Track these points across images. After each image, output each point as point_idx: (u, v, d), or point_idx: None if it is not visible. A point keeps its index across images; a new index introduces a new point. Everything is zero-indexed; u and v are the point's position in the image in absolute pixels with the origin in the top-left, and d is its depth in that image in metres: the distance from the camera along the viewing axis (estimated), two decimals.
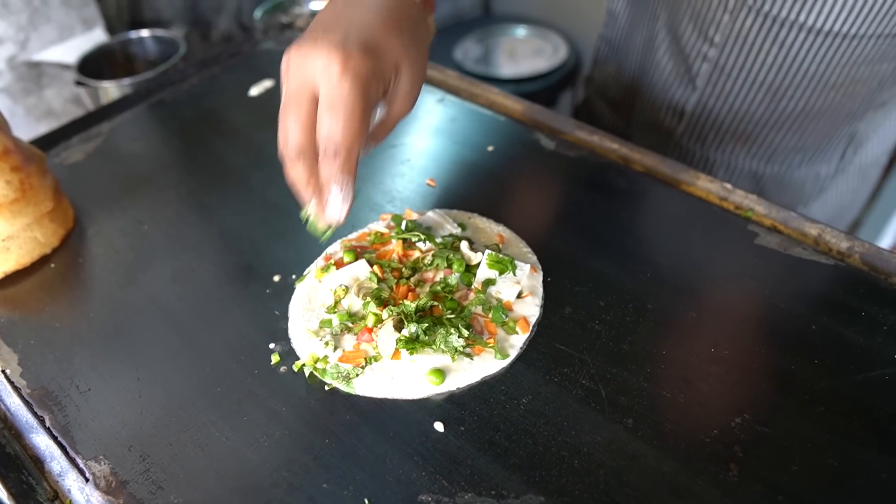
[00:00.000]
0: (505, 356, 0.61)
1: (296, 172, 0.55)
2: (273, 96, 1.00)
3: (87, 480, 0.57)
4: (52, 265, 0.76)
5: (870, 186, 1.17)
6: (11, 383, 0.65)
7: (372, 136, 0.59)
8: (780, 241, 0.73)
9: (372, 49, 0.53)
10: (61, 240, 0.78)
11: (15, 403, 0.63)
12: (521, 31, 2.33)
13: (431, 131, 0.91)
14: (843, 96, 0.91)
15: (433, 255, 0.68)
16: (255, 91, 1.01)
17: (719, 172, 1.06)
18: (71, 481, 0.57)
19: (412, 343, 0.60)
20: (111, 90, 1.04)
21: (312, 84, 0.53)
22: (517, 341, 0.63)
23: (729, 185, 0.80)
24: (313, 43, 0.52)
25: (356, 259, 0.68)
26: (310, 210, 0.58)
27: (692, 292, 0.68)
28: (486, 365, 0.61)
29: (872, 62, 0.87)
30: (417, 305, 0.62)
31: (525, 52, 2.28)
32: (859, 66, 0.87)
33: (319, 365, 0.62)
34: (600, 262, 0.71)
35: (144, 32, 1.16)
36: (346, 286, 0.66)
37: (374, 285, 0.65)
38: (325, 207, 0.57)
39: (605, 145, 0.87)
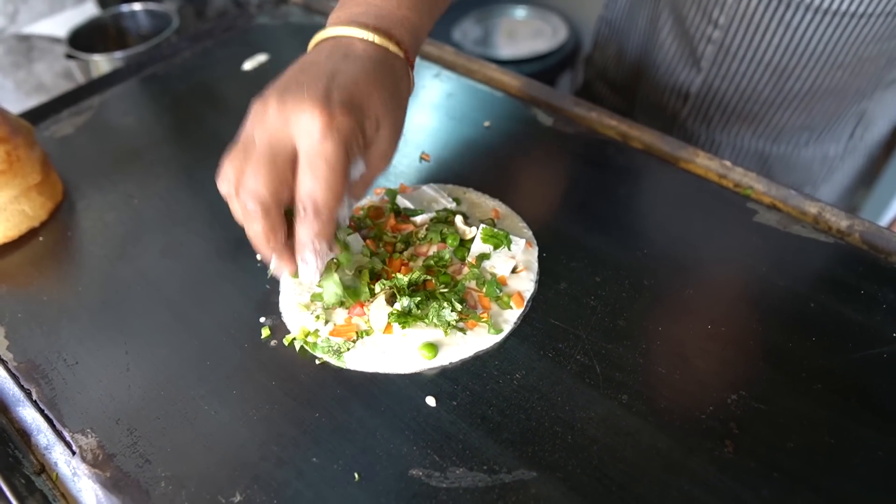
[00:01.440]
0: (499, 331, 0.61)
1: (256, 229, 0.51)
2: (267, 71, 0.99)
3: (73, 453, 0.56)
4: (41, 238, 0.75)
5: (873, 166, 1.16)
6: None
7: (351, 194, 0.56)
8: (779, 219, 0.71)
9: (356, 106, 0.51)
10: (50, 213, 0.77)
11: (1, 376, 0.62)
12: (520, 12, 2.31)
13: (427, 106, 0.90)
14: (851, 75, 0.90)
15: (427, 229, 0.67)
16: (248, 65, 0.99)
17: (725, 153, 1.04)
18: (58, 454, 0.56)
19: (404, 317, 0.59)
20: (102, 64, 1.03)
21: (289, 139, 0.50)
22: (511, 316, 0.62)
23: (728, 163, 0.78)
24: (295, 96, 0.50)
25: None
26: (273, 268, 0.55)
27: (689, 269, 0.67)
28: (480, 340, 0.60)
29: (881, 40, 0.85)
30: (410, 279, 0.61)
31: (524, 33, 2.26)
32: (867, 44, 0.85)
33: (310, 339, 0.61)
34: (597, 239, 0.70)
35: (137, 6, 1.14)
36: (338, 260, 0.64)
37: (367, 259, 0.64)
38: (299, 270, 0.55)
39: (604, 122, 0.86)
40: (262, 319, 0.64)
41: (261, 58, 1.00)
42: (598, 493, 0.50)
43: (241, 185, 0.51)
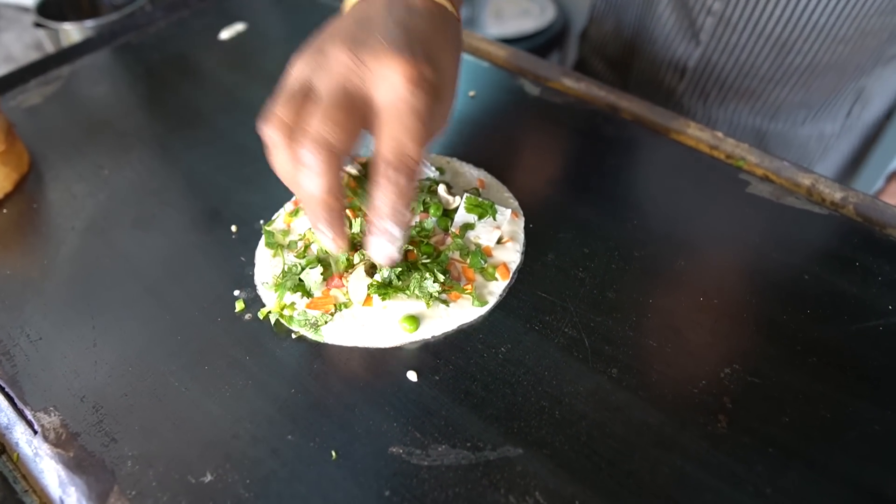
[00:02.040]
0: (483, 303, 0.58)
1: (314, 185, 0.44)
2: (245, 40, 0.95)
3: (35, 433, 0.53)
4: (5, 211, 0.72)
5: (867, 145, 1.14)
6: None
7: None
8: (772, 191, 0.69)
9: (433, 60, 0.47)
10: (14, 184, 0.74)
11: None
12: None
13: None
14: (853, 50, 0.87)
15: None
16: (225, 34, 0.95)
17: (721, 130, 1.01)
18: (19, 434, 0.54)
19: (385, 288, 0.57)
20: (73, 33, 0.98)
21: (364, 90, 0.46)
22: (496, 288, 0.59)
23: (720, 134, 0.76)
24: (373, 47, 0.45)
25: None
26: (326, 243, 0.48)
27: (681, 241, 0.64)
28: (464, 312, 0.58)
29: (883, 14, 0.83)
30: None
31: (512, 12, 2.22)
32: (870, 18, 0.83)
33: (286, 312, 0.58)
34: (585, 210, 0.68)
35: None
36: None
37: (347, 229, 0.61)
38: (374, 246, 0.48)
39: (593, 93, 0.83)
40: (237, 293, 0.61)
41: (238, 27, 0.96)
42: (587, 470, 0.48)
43: (300, 130, 0.44)
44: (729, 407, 0.52)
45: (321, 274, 0.58)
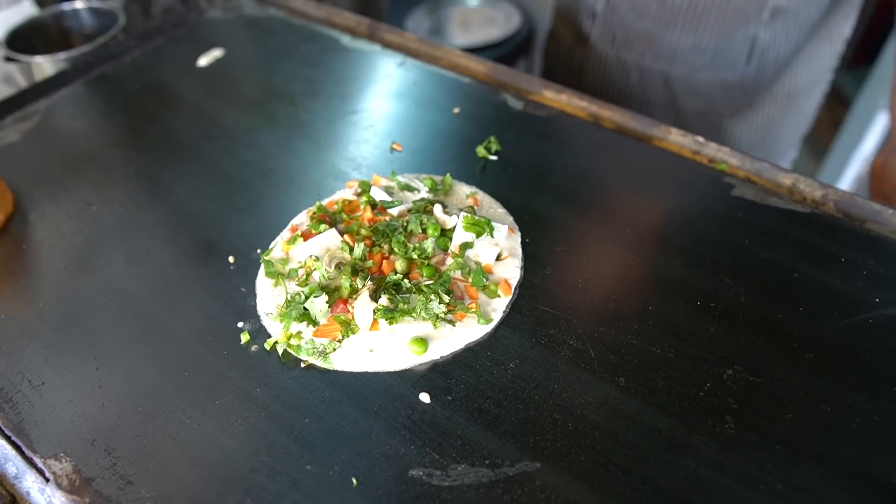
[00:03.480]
0: (488, 321, 0.59)
1: None
2: (223, 66, 0.95)
3: (47, 480, 0.52)
4: None
5: (802, 118, 1.18)
6: None
7: None
8: (756, 192, 0.72)
9: None
10: (0, 225, 0.72)
11: None
12: (472, 1, 2.29)
13: (393, 95, 0.88)
14: None
15: (407, 221, 0.65)
16: (203, 61, 0.95)
17: (634, 76, 1.11)
18: (29, 483, 0.53)
19: (391, 312, 0.57)
20: (45, 66, 0.97)
21: None
22: (500, 305, 0.60)
23: (701, 139, 0.78)
24: None
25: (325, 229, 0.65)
26: None
27: (674, 247, 0.66)
28: (470, 331, 0.58)
29: None
30: (393, 280, 0.59)
31: (477, 21, 2.24)
32: None
33: (293, 341, 0.58)
34: (579, 221, 0.69)
35: (79, 4, 1.08)
36: (316, 256, 0.62)
37: (347, 255, 0.62)
38: None
39: (574, 103, 0.85)
40: (241, 324, 0.61)
41: (216, 53, 0.96)
42: (605, 480, 0.49)
43: None
44: (734, 408, 0.53)
45: (326, 302, 0.58)
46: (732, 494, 0.48)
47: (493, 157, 0.77)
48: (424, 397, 0.55)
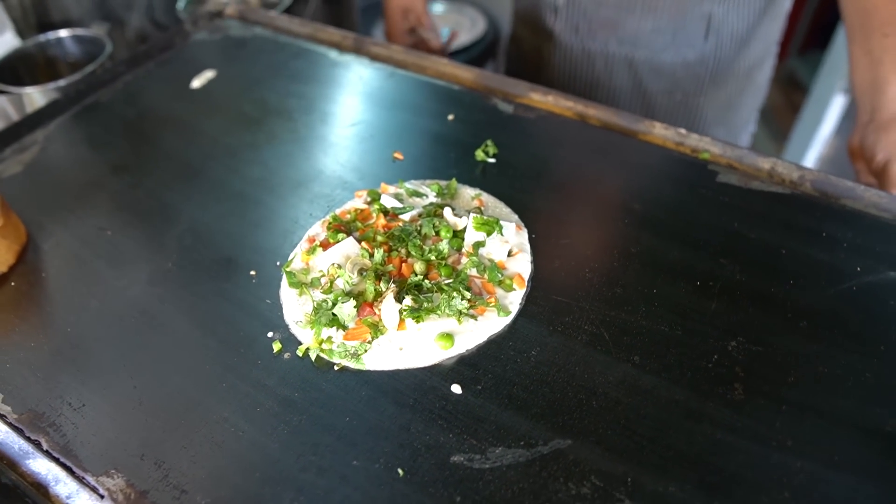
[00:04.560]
0: (507, 313, 0.63)
1: None
2: (217, 86, 0.97)
3: (101, 497, 0.54)
4: (13, 284, 0.72)
5: (757, 91, 1.25)
6: None
7: None
8: (739, 177, 0.77)
9: None
10: (17, 256, 0.74)
11: (3, 431, 0.60)
12: (437, 7, 2.33)
13: (388, 106, 0.91)
14: None
15: (420, 225, 0.68)
16: (197, 83, 0.97)
17: (599, 63, 1.15)
18: (83, 501, 0.55)
19: (417, 311, 0.61)
20: (35, 96, 0.98)
21: None
22: (516, 298, 0.64)
23: (683, 131, 0.83)
24: None
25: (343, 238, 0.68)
26: None
27: (671, 233, 0.71)
28: (491, 324, 0.62)
29: None
30: (414, 281, 0.63)
31: (444, 27, 2.28)
32: None
33: (325, 346, 0.61)
34: (579, 215, 0.74)
35: (63, 32, 1.09)
36: (338, 265, 0.65)
37: (367, 261, 0.65)
38: None
39: (561, 104, 0.89)
40: (270, 334, 0.64)
41: (208, 74, 0.98)
42: (632, 450, 0.53)
43: None
44: (741, 375, 0.58)
45: (354, 307, 0.61)
46: (748, 453, 0.53)
47: (492, 160, 0.81)
48: (456, 388, 0.58)
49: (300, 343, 0.63)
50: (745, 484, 0.51)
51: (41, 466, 0.57)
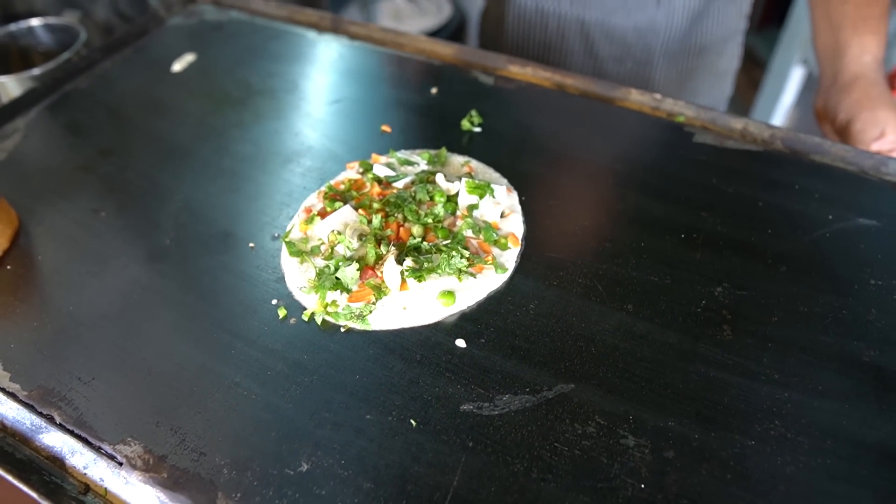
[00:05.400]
0: (504, 270, 0.65)
1: None
2: (198, 69, 0.97)
3: (120, 464, 0.55)
4: (8, 267, 0.72)
5: (717, 79, 1.24)
6: (2, 390, 0.61)
7: None
8: (714, 137, 0.80)
9: None
10: (10, 240, 0.74)
11: (13, 409, 0.60)
12: None
13: (370, 83, 0.92)
14: None
15: (414, 192, 0.70)
16: (178, 66, 0.97)
17: (552, 24, 1.15)
18: (101, 470, 0.56)
19: (418, 271, 0.63)
20: (10, 85, 0.97)
21: None
22: (511, 255, 0.67)
23: (658, 96, 0.87)
24: None
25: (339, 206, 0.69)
26: None
27: (654, 190, 0.74)
28: (490, 280, 0.65)
29: None
30: (414, 244, 0.65)
31: (409, 13, 2.29)
32: None
33: (330, 309, 0.63)
34: (564, 177, 0.76)
35: (35, 21, 1.07)
36: (338, 231, 0.67)
37: (366, 227, 0.67)
38: None
39: (539, 75, 0.92)
40: (275, 301, 0.66)
41: (189, 57, 0.98)
42: (631, 391, 0.56)
43: None
44: (729, 318, 0.61)
45: (357, 269, 0.63)
46: (740, 388, 0.56)
47: (477, 129, 0.83)
48: (460, 343, 0.61)
49: (304, 308, 0.64)
50: (739, 415, 0.55)
51: (55, 440, 0.58)
